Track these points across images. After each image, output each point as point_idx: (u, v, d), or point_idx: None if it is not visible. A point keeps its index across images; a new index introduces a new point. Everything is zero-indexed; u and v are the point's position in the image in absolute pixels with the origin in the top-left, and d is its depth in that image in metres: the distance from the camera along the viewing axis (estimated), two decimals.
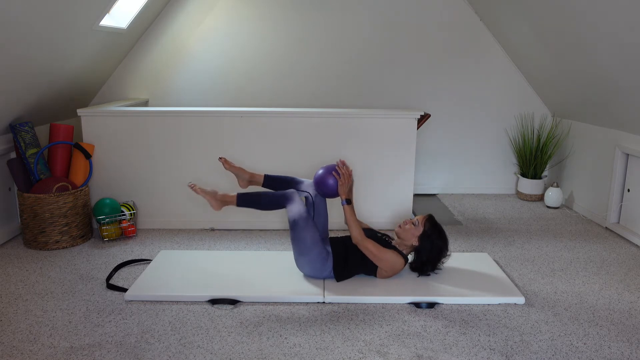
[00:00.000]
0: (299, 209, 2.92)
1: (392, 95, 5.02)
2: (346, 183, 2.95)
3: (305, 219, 2.92)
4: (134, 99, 4.89)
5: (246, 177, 3.19)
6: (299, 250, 2.97)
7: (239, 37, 4.91)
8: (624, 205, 3.99)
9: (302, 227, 2.91)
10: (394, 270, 2.99)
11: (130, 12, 4.27)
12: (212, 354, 2.34)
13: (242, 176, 3.19)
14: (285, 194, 2.96)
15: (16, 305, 2.78)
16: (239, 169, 3.19)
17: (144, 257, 3.47)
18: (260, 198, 2.98)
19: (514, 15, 4.22)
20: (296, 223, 2.92)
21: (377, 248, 2.92)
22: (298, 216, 2.91)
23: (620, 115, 3.86)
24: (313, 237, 2.93)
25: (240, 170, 3.19)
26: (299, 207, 2.93)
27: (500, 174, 5.20)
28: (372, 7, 4.85)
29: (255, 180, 3.20)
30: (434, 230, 2.98)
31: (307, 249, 2.93)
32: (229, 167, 3.18)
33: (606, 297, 2.92)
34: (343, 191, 2.95)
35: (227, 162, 3.19)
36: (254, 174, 3.20)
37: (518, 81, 5.00)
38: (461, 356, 2.33)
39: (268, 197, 2.97)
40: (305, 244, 2.93)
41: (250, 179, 3.20)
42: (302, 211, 2.92)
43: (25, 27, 3.04)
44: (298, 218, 2.91)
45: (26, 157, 3.63)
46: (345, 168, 2.96)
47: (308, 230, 2.92)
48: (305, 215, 2.92)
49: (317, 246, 2.94)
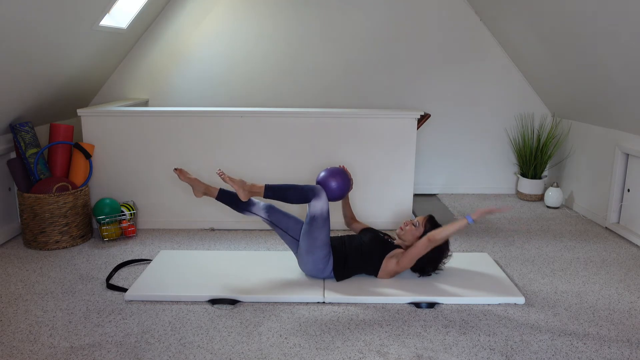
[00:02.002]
0: (322, 206, 2.89)
1: (392, 95, 5.02)
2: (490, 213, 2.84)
3: (325, 218, 2.90)
4: (134, 99, 4.89)
5: (201, 188, 3.06)
6: (307, 248, 2.95)
7: (239, 37, 4.91)
8: (624, 205, 3.99)
9: (319, 225, 2.89)
10: (401, 269, 2.99)
11: (130, 12, 4.27)
12: (212, 354, 2.34)
13: (198, 187, 3.06)
14: (314, 189, 2.91)
15: (16, 305, 2.78)
16: (194, 180, 3.06)
17: (144, 257, 3.47)
18: (287, 191, 2.93)
19: (514, 15, 4.22)
20: (315, 219, 2.89)
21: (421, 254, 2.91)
22: (319, 213, 2.89)
23: (620, 115, 3.86)
24: (325, 239, 2.92)
25: (195, 181, 3.06)
26: (323, 204, 2.89)
27: (500, 174, 5.20)
28: (372, 7, 4.85)
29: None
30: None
31: (316, 248, 2.92)
32: (184, 178, 3.05)
33: (606, 297, 2.92)
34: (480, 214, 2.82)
35: (182, 173, 3.06)
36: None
37: (518, 81, 5.00)
38: (461, 356, 2.33)
39: (296, 190, 2.92)
40: (315, 243, 2.92)
41: (204, 191, 3.06)
42: (325, 210, 2.90)
43: (26, 27, 3.04)
44: (319, 215, 2.88)
45: (26, 157, 3.63)
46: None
47: (323, 230, 2.90)
48: (326, 215, 2.90)
49: (325, 249, 2.94)
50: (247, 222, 4.03)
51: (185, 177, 3.07)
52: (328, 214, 2.91)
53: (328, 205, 2.92)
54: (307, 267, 3.01)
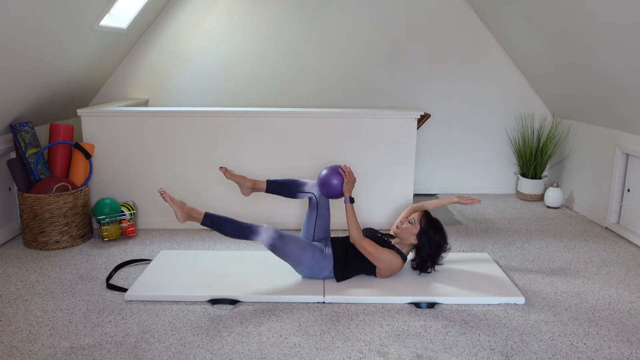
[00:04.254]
0: (267, 234, 2.88)
1: (392, 95, 5.02)
2: (352, 181, 2.96)
3: (279, 237, 2.89)
4: (134, 99, 4.89)
5: (249, 185, 3.14)
6: (293, 263, 2.97)
7: (239, 37, 4.91)
8: (624, 205, 3.99)
9: (282, 245, 2.89)
10: (392, 270, 2.99)
11: (130, 12, 4.27)
12: (212, 354, 2.34)
13: (245, 184, 3.14)
14: (251, 227, 2.88)
15: (16, 305, 2.78)
16: (241, 177, 3.13)
17: (144, 257, 3.47)
18: (225, 225, 2.88)
19: (514, 15, 4.22)
20: (274, 246, 2.89)
21: (375, 248, 2.93)
22: (272, 240, 2.88)
23: (620, 115, 3.86)
24: (297, 245, 2.92)
25: (242, 179, 3.13)
26: (266, 233, 2.88)
27: (500, 174, 5.20)
28: (372, 7, 4.85)
29: (257, 187, 3.13)
30: (431, 225, 2.98)
31: (299, 258, 2.93)
32: (230, 176, 3.12)
33: (606, 297, 2.92)
34: (348, 189, 2.96)
35: (228, 172, 3.13)
36: (256, 181, 3.13)
37: (518, 81, 5.00)
38: (461, 356, 2.34)
39: (234, 226, 2.88)
40: (293, 256, 2.92)
41: (252, 187, 3.15)
42: (272, 233, 2.88)
43: (26, 27, 3.04)
44: (273, 242, 2.88)
45: (26, 157, 3.63)
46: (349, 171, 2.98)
47: (288, 244, 2.90)
48: (277, 235, 2.89)
49: (307, 250, 2.94)
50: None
51: (232, 175, 3.12)
52: (279, 233, 2.89)
53: (271, 228, 2.90)
54: (305, 273, 3.02)
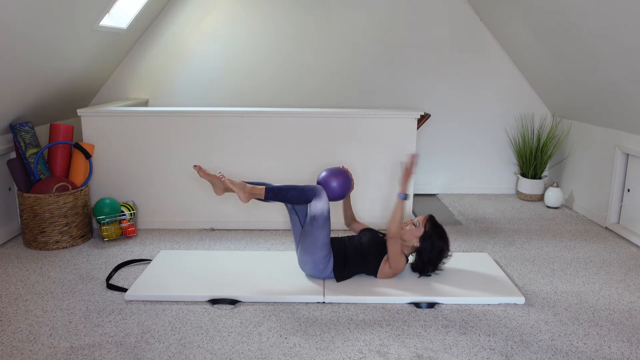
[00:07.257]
0: (323, 206, 2.88)
1: (392, 95, 5.02)
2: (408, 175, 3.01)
3: (326, 218, 2.89)
4: (134, 99, 4.89)
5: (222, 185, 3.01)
6: (307, 248, 2.94)
7: (239, 37, 4.91)
8: (624, 205, 3.99)
9: (320, 225, 2.88)
10: (396, 271, 3.00)
11: (130, 12, 4.27)
12: (212, 354, 2.34)
13: (218, 184, 3.01)
14: (315, 189, 2.91)
15: (16, 305, 2.78)
16: (214, 177, 3.01)
17: (144, 257, 3.47)
18: (288, 192, 2.91)
19: (514, 15, 4.22)
20: (315, 219, 2.88)
21: (401, 251, 2.96)
22: (320, 213, 2.88)
23: (620, 115, 3.86)
24: (325, 239, 2.92)
25: (215, 178, 3.01)
26: (324, 204, 2.89)
27: (500, 174, 5.20)
28: (372, 7, 4.85)
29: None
30: (435, 230, 2.98)
31: (316, 248, 2.92)
32: (203, 174, 3.01)
33: (606, 297, 2.92)
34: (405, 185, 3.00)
35: (202, 170, 3.02)
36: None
37: (518, 81, 5.00)
38: (461, 356, 2.33)
39: (297, 191, 2.90)
40: (315, 243, 2.91)
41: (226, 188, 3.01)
42: (325, 210, 2.89)
43: (26, 28, 3.04)
44: (319, 215, 2.88)
45: (26, 157, 3.63)
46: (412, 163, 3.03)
47: (323, 230, 2.90)
48: (327, 215, 2.89)
49: (325, 249, 2.94)
50: (247, 222, 4.04)
51: (205, 174, 3.02)
52: (329, 214, 2.91)
53: (329, 205, 2.91)
54: (307, 267, 3.01)
